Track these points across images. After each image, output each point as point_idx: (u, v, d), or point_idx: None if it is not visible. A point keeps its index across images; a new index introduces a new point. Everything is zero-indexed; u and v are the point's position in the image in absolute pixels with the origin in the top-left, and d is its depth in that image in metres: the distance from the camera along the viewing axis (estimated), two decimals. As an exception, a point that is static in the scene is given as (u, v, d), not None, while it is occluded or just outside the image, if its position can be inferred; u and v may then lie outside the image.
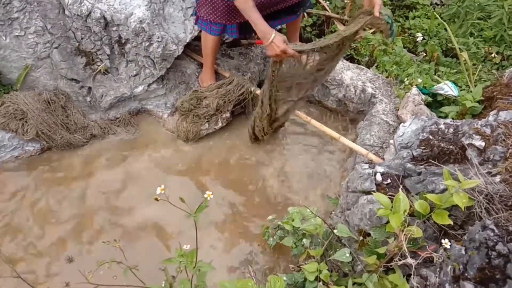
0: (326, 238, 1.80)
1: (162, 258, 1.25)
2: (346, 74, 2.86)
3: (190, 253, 1.27)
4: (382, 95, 2.73)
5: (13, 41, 2.35)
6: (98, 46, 2.48)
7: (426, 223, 1.53)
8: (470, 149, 1.64)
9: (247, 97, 2.70)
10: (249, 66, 2.93)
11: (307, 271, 1.66)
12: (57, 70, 2.50)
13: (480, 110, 2.44)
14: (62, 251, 2.10)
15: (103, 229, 2.22)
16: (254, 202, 2.43)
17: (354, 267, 1.72)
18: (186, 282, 1.29)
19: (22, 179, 2.38)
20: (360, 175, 1.80)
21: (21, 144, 2.43)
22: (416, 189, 1.64)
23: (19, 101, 2.38)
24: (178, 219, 2.19)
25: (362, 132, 2.65)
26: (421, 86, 2.67)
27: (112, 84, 2.61)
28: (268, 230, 2.11)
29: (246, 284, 1.33)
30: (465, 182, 1.37)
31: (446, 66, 2.95)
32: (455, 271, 1.28)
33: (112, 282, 1.17)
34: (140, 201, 2.36)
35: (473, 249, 1.26)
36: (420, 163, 1.80)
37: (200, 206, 1.20)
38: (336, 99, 2.93)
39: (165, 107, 2.77)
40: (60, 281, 1.14)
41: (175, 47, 2.55)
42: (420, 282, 1.41)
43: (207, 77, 2.71)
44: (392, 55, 2.95)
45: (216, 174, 2.57)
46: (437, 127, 1.85)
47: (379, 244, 1.56)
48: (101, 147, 2.61)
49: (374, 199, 1.64)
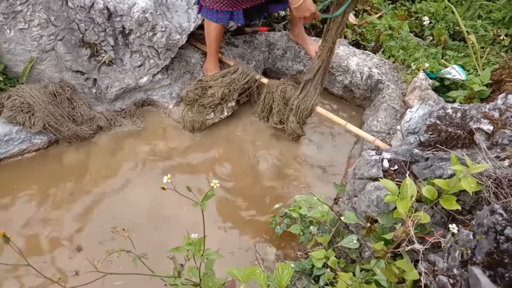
0: (333, 225, 1.81)
1: (170, 247, 1.26)
2: (352, 60, 2.83)
3: (198, 242, 1.28)
4: (389, 81, 2.70)
5: (17, 34, 2.35)
6: (102, 37, 2.47)
7: (434, 208, 1.52)
8: (478, 134, 1.62)
9: (252, 85, 2.69)
10: (254, 54, 2.91)
11: (315, 258, 1.67)
12: (62, 63, 2.51)
13: (488, 94, 2.41)
14: (71, 241, 2.13)
15: (111, 219, 2.23)
16: (261, 190, 2.44)
17: (362, 253, 1.73)
18: (195, 270, 1.30)
19: (30, 171, 2.41)
20: (367, 162, 1.79)
21: (29, 137, 2.45)
22: (424, 174, 1.63)
23: (25, 94, 2.38)
24: (185, 208, 2.22)
25: (368, 118, 2.63)
26: (428, 71, 2.63)
27: (117, 75, 2.61)
28: (275, 218, 2.12)
29: (254, 271, 1.34)
30: (473, 166, 1.36)
31: (453, 49, 2.90)
32: (463, 256, 1.28)
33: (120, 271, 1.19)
34: (148, 191, 2.37)
35: (481, 233, 1.25)
36: (428, 148, 1.79)
37: (207, 194, 1.21)
38: (342, 86, 2.91)
39: (170, 97, 2.77)
40: (70, 269, 1.15)
41: (179, 36, 2.54)
42: (428, 267, 1.41)
43: (211, 66, 2.70)
44: (398, 40, 2.92)
45: (223, 163, 2.57)
46: (445, 111, 1.83)
47: (386, 230, 1.56)
48: (107, 139, 2.62)
49: (381, 185, 1.63)
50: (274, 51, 2.98)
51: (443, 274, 1.33)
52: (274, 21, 3.30)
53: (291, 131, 2.59)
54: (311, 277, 1.74)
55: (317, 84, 2.46)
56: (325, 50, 2.35)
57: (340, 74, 2.85)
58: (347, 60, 2.83)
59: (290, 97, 2.52)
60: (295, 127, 2.55)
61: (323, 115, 2.49)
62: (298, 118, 2.53)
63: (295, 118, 2.53)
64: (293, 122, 2.54)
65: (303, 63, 2.95)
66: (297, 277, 1.76)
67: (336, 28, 2.24)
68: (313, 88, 2.47)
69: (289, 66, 3.00)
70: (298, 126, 2.56)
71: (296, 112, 2.51)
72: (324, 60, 2.39)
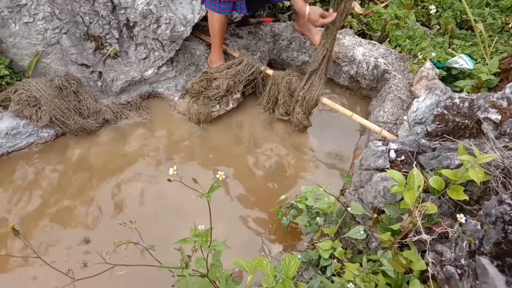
0: (340, 216, 1.80)
1: (176, 238, 1.27)
2: (358, 50, 2.81)
3: (205, 233, 1.28)
4: (395, 71, 2.68)
5: (22, 28, 2.35)
6: (107, 30, 2.47)
7: (441, 199, 1.52)
8: (486, 123, 1.60)
9: (257, 76, 2.68)
10: (259, 45, 2.89)
11: (322, 249, 1.67)
12: (67, 56, 2.51)
13: (496, 83, 2.38)
14: (79, 233, 2.15)
15: (118, 211, 2.25)
16: (267, 182, 2.44)
17: (369, 244, 1.73)
18: (202, 261, 1.31)
19: (37, 164, 2.43)
20: (374, 153, 1.78)
21: (36, 131, 2.46)
22: (431, 165, 1.61)
23: (31, 87, 2.39)
24: (191, 200, 2.23)
25: (375, 109, 2.61)
26: (435, 60, 2.61)
27: (122, 68, 2.61)
28: (281, 210, 2.12)
29: (261, 262, 1.34)
30: (481, 156, 1.35)
31: (460, 38, 2.87)
32: (471, 246, 1.27)
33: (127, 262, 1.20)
34: (154, 183, 2.39)
35: (489, 223, 1.24)
36: (435, 138, 1.77)
37: (213, 186, 1.21)
38: (348, 76, 2.89)
39: (176, 89, 2.77)
40: (78, 261, 1.16)
41: (183, 28, 2.53)
42: (435, 257, 1.41)
43: (216, 58, 2.69)
44: (405, 29, 2.88)
45: (228, 155, 2.57)
46: (452, 101, 1.81)
47: (393, 221, 1.55)
48: (114, 131, 2.63)
49: (388, 176, 1.62)
50: (279, 42, 2.96)
51: (451, 264, 1.33)
52: (279, 11, 3.28)
53: (298, 122, 2.58)
54: (318, 267, 1.75)
55: (322, 74, 2.45)
56: (329, 39, 2.33)
57: (346, 64, 2.83)
58: (353, 50, 2.81)
59: (296, 88, 2.51)
60: (301, 118, 2.54)
61: (329, 106, 2.48)
62: (304, 109, 2.52)
63: (301, 109, 2.52)
64: (299, 114, 2.53)
65: (309, 53, 2.93)
66: (304, 268, 1.77)
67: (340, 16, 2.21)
68: (318, 78, 2.45)
69: (294, 57, 2.99)
70: (304, 117, 2.55)
71: (302, 103, 2.50)
72: (328, 48, 2.37)
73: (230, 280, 1.36)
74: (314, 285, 1.60)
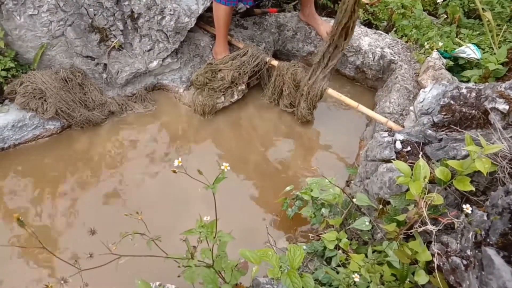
0: (345, 207, 1.80)
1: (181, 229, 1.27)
2: (364, 40, 2.78)
3: (210, 224, 1.29)
4: (402, 61, 2.65)
5: (27, 21, 2.35)
6: (111, 22, 2.46)
7: (447, 190, 1.51)
8: (493, 113, 1.59)
9: (262, 68, 2.67)
10: (264, 36, 2.87)
11: (327, 240, 1.67)
12: (72, 48, 2.51)
13: (504, 73, 2.35)
14: (85, 224, 2.17)
15: (123, 202, 2.27)
16: (272, 173, 2.44)
17: (374, 235, 1.73)
18: (208, 252, 1.32)
19: (43, 156, 2.44)
20: (379, 144, 1.77)
21: (42, 123, 2.48)
22: (437, 156, 1.60)
23: (37, 80, 2.40)
24: (196, 191, 2.23)
25: (381, 99, 2.60)
26: (442, 50, 2.58)
27: (127, 60, 2.61)
28: (286, 201, 2.12)
29: (266, 252, 1.35)
30: (488, 147, 1.34)
31: (468, 28, 2.83)
32: (477, 237, 1.27)
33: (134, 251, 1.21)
34: (159, 175, 2.39)
35: (495, 214, 1.23)
36: (441, 129, 1.76)
37: (218, 177, 1.21)
38: (354, 67, 2.87)
39: (181, 81, 2.77)
40: (84, 251, 1.18)
41: (188, 19, 2.51)
42: (440, 248, 1.40)
43: (220, 49, 2.68)
44: (411, 19, 2.85)
45: (234, 146, 2.57)
46: (459, 91, 1.79)
47: (399, 212, 1.55)
48: (119, 123, 2.64)
49: (393, 167, 1.62)
50: (284, 33, 2.94)
51: (456, 255, 1.32)
52: (284, 1, 3.25)
53: (301, 116, 2.58)
54: (323, 258, 1.75)
55: (328, 68, 2.41)
56: (338, 31, 2.27)
57: (352, 54, 2.81)
58: (359, 40, 2.78)
59: (301, 79, 2.49)
60: (305, 113, 2.55)
61: (334, 97, 2.47)
62: (308, 104, 2.51)
63: (306, 104, 2.51)
64: (304, 108, 2.53)
65: (314, 44, 2.91)
66: (309, 259, 1.77)
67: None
68: (321, 72, 2.43)
69: (299, 48, 2.96)
70: (308, 112, 2.55)
71: (307, 98, 2.49)
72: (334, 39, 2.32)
73: (235, 270, 1.37)
74: (319, 276, 1.60)
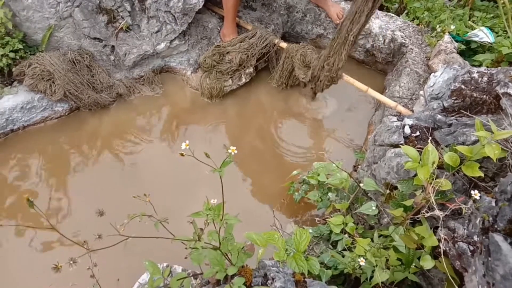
0: (352, 192, 1.80)
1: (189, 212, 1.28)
2: (375, 22, 2.73)
3: (217, 207, 1.30)
4: (413, 44, 2.61)
5: (35, 1, 2.34)
6: (119, 3, 2.44)
7: (456, 175, 1.50)
8: (505, 98, 1.56)
9: (270, 50, 2.64)
10: (272, 18, 2.83)
11: (333, 224, 1.68)
12: (80, 30, 2.50)
13: (517, 57, 2.30)
14: (93, 205, 2.19)
15: (131, 184, 2.29)
16: (279, 157, 2.44)
17: (380, 220, 1.73)
18: (214, 234, 1.33)
19: (52, 138, 2.46)
20: (388, 128, 1.76)
21: (50, 105, 2.49)
22: (446, 141, 1.59)
23: (45, 62, 2.40)
24: (203, 174, 2.24)
25: (391, 83, 2.56)
26: (454, 33, 2.52)
27: (135, 42, 2.60)
28: (293, 185, 2.13)
29: (272, 235, 1.35)
30: (498, 132, 1.32)
31: (482, 10, 2.76)
32: (484, 223, 1.26)
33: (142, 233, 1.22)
34: (166, 157, 2.41)
35: (504, 200, 1.22)
36: (451, 114, 1.73)
37: (225, 161, 1.21)
38: (363, 50, 2.83)
39: (188, 63, 2.75)
40: (93, 232, 1.19)
41: (196, 0, 2.48)
42: (447, 234, 1.40)
43: (229, 31, 2.65)
44: (423, 1, 2.79)
45: (241, 129, 2.57)
46: (470, 76, 1.76)
47: (406, 197, 1.55)
48: (127, 105, 2.64)
49: (401, 152, 1.60)
50: (293, 14, 2.90)
51: (463, 241, 1.32)
52: (293, -17, 3.19)
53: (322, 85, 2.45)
54: (329, 242, 1.76)
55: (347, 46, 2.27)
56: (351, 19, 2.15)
57: (362, 37, 2.77)
58: (369, 22, 2.73)
59: (311, 60, 2.44)
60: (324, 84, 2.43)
61: (344, 80, 2.44)
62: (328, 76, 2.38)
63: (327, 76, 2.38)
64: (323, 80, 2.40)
65: (323, 26, 2.86)
66: (315, 242, 1.78)
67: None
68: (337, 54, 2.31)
69: (309, 30, 2.92)
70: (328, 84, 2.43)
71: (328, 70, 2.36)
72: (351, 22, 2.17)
73: (241, 253, 1.38)
74: (325, 259, 1.61)
